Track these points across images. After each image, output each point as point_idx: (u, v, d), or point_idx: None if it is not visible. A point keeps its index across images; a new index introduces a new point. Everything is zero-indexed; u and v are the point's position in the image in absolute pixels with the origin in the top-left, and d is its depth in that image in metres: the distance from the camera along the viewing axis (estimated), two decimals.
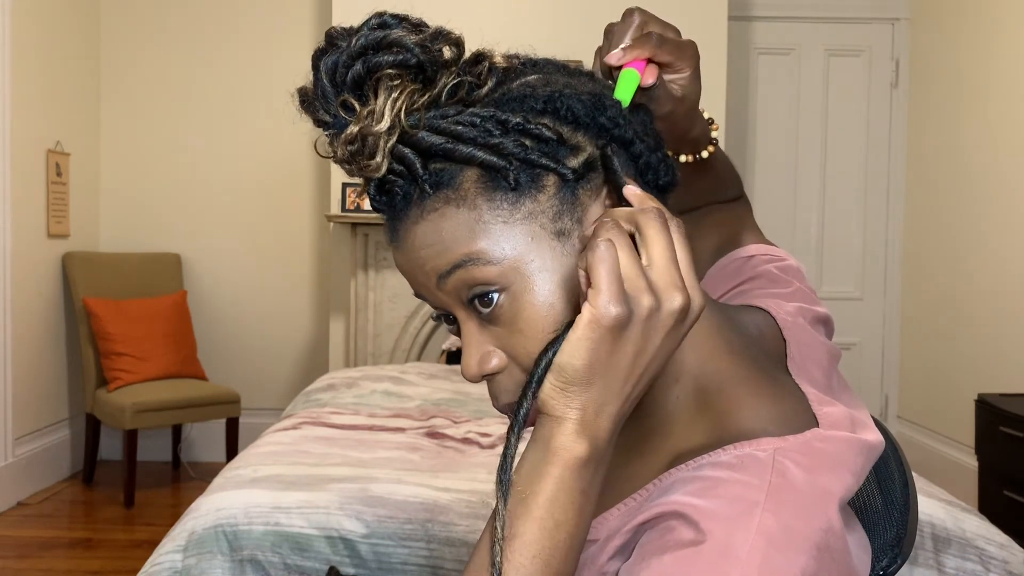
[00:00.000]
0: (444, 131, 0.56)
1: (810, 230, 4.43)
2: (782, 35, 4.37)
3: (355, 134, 0.55)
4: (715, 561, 0.50)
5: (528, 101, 0.57)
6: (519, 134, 0.56)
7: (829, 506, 0.54)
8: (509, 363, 0.58)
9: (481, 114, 0.56)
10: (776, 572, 0.50)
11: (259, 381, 4.31)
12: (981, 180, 3.66)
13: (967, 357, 3.73)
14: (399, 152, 0.56)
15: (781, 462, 0.55)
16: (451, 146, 0.55)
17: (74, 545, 3.16)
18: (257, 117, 4.27)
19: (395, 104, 0.55)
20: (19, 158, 3.57)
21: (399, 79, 0.55)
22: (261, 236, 4.32)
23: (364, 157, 0.56)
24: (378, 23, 0.56)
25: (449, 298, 0.58)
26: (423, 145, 0.56)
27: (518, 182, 0.56)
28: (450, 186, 0.56)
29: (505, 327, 0.57)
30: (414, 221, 0.57)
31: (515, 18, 3.82)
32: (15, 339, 3.54)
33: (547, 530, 0.52)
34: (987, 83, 3.64)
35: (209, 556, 1.55)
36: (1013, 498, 2.78)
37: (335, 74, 0.56)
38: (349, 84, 0.56)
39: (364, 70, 0.55)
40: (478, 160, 0.55)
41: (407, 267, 0.59)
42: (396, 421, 2.35)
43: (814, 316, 0.74)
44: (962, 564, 1.56)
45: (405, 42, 0.55)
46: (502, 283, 0.56)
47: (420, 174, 0.56)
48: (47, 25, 3.81)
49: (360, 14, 0.58)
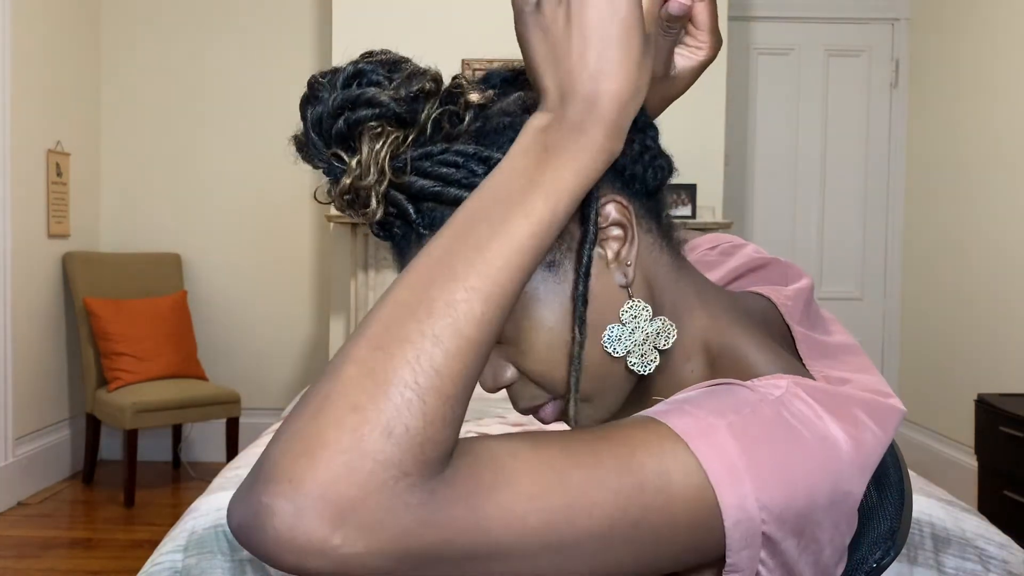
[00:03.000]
0: (431, 174, 0.58)
1: (810, 230, 4.43)
2: (782, 35, 4.37)
3: (348, 186, 0.58)
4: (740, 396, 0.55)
5: (507, 133, 0.59)
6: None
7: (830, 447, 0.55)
8: (521, 375, 0.63)
9: (464, 152, 0.58)
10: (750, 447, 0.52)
11: (259, 381, 4.31)
12: (981, 180, 3.66)
13: (967, 357, 3.73)
14: (392, 198, 0.59)
15: (795, 389, 0.57)
16: (439, 189, 0.58)
17: (74, 545, 3.16)
18: (257, 117, 4.27)
19: (379, 156, 0.58)
20: (19, 158, 3.57)
21: (380, 127, 0.58)
22: (261, 236, 4.32)
23: (360, 206, 0.59)
24: (353, 72, 0.59)
25: None
26: (413, 189, 0.59)
27: None
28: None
29: (512, 346, 0.61)
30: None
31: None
32: (15, 339, 3.54)
33: (503, 171, 0.53)
34: (987, 83, 3.64)
35: (209, 556, 1.55)
36: (1013, 498, 2.78)
37: (321, 128, 0.59)
38: (335, 138, 0.59)
39: (345, 127, 0.58)
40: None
41: None
42: None
43: (808, 291, 0.75)
44: (962, 564, 1.56)
45: (380, 98, 0.57)
46: None
47: (413, 218, 0.59)
48: (47, 25, 3.81)
49: (359, 14, 0.58)
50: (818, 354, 0.68)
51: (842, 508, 0.56)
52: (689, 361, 0.65)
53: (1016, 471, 2.78)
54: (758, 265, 0.79)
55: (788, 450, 0.53)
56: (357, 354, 0.47)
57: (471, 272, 0.49)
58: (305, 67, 4.28)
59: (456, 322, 0.48)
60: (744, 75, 4.35)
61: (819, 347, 0.69)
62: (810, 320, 0.72)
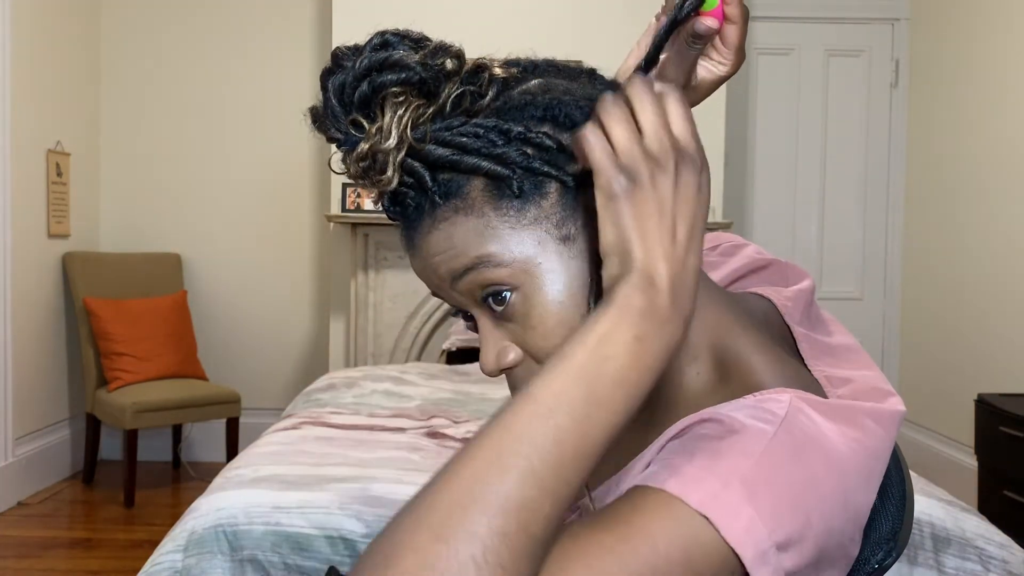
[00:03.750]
0: (450, 143, 0.58)
1: (810, 230, 4.43)
2: (782, 35, 4.37)
3: (366, 151, 0.58)
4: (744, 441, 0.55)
5: (528, 109, 0.59)
6: (521, 143, 0.58)
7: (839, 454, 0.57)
8: (525, 357, 0.61)
9: (484, 124, 0.58)
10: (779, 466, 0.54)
11: (259, 381, 4.31)
12: (981, 180, 3.67)
13: (967, 357, 3.73)
14: (409, 166, 0.59)
15: (799, 404, 0.57)
16: (457, 158, 0.58)
17: (74, 545, 3.16)
18: (257, 117, 4.28)
19: (401, 121, 0.57)
20: (19, 158, 3.57)
21: (403, 96, 0.57)
22: (261, 236, 4.32)
23: (376, 173, 0.58)
24: (380, 42, 0.58)
25: (464, 298, 0.62)
26: (431, 158, 0.58)
27: (522, 190, 0.58)
28: (458, 195, 0.59)
29: (519, 323, 0.60)
30: (427, 230, 0.60)
31: (516, 20, 3.82)
32: (15, 339, 3.54)
33: (596, 357, 0.51)
34: (987, 83, 3.64)
35: (209, 556, 1.55)
36: (1013, 498, 2.78)
37: (343, 94, 0.59)
38: (357, 103, 0.58)
39: (369, 90, 0.57)
40: (483, 170, 0.58)
41: (423, 271, 0.63)
42: (396, 421, 2.35)
43: (809, 293, 0.75)
44: (962, 564, 1.56)
45: (407, 61, 0.57)
46: (513, 283, 0.59)
47: (429, 186, 0.59)
48: (47, 25, 3.81)
49: (359, 14, 0.59)
50: (819, 353, 0.68)
51: (855, 521, 0.58)
52: (695, 362, 0.65)
53: (1016, 471, 2.78)
54: (759, 266, 0.79)
55: (803, 490, 0.54)
56: (416, 542, 0.45)
57: (548, 471, 0.48)
58: (305, 67, 4.28)
59: (526, 520, 0.47)
60: (744, 75, 4.35)
61: (819, 347, 0.69)
62: (810, 321, 0.72)
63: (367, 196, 0.62)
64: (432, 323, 3.99)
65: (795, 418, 0.56)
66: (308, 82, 4.28)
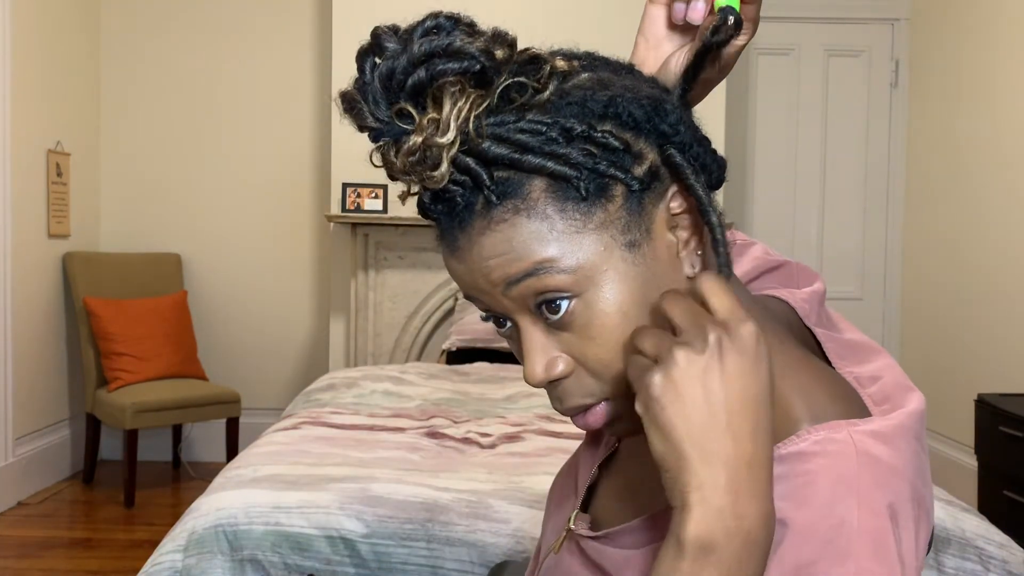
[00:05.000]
0: (509, 140, 0.54)
1: (810, 230, 4.43)
2: (782, 35, 4.37)
3: (418, 145, 0.53)
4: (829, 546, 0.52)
5: (588, 105, 0.56)
6: (584, 142, 0.55)
7: (910, 476, 0.56)
8: (577, 367, 0.58)
9: (544, 121, 0.54)
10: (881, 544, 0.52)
11: (259, 381, 4.31)
12: (981, 180, 3.67)
13: (967, 357, 3.73)
14: (463, 163, 0.54)
15: (861, 439, 0.55)
16: (518, 156, 0.54)
17: (74, 545, 3.16)
18: (257, 117, 4.28)
19: (460, 113, 0.53)
20: (19, 158, 3.57)
21: (459, 86, 0.54)
22: (261, 236, 4.32)
23: (427, 168, 0.54)
24: (433, 25, 0.54)
25: (513, 304, 0.58)
26: (488, 155, 0.54)
27: (588, 192, 0.55)
28: (518, 196, 0.55)
29: (576, 333, 0.57)
30: (479, 232, 0.56)
31: (519, 13, 3.82)
32: (15, 339, 3.54)
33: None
34: (987, 83, 3.64)
35: (209, 556, 1.55)
36: (1013, 498, 2.78)
37: (391, 80, 0.54)
38: (408, 91, 0.54)
39: (427, 78, 0.53)
40: (548, 171, 0.54)
41: (468, 276, 0.58)
42: (396, 421, 2.35)
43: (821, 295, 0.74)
44: (962, 564, 1.56)
45: (469, 49, 0.53)
46: (575, 291, 0.56)
47: (487, 184, 0.55)
48: (47, 25, 3.81)
49: (359, 14, 0.58)
50: (843, 353, 0.67)
51: (920, 520, 0.57)
52: None
53: (1016, 471, 2.78)
54: (771, 267, 0.77)
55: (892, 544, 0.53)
56: None
57: None
58: (305, 67, 4.28)
59: None
60: (744, 75, 4.35)
61: (842, 346, 0.68)
62: (823, 323, 0.71)
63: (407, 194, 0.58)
64: (432, 323, 3.99)
65: (861, 457, 0.55)
66: (308, 82, 4.28)
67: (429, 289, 3.97)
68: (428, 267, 3.95)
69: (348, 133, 2.81)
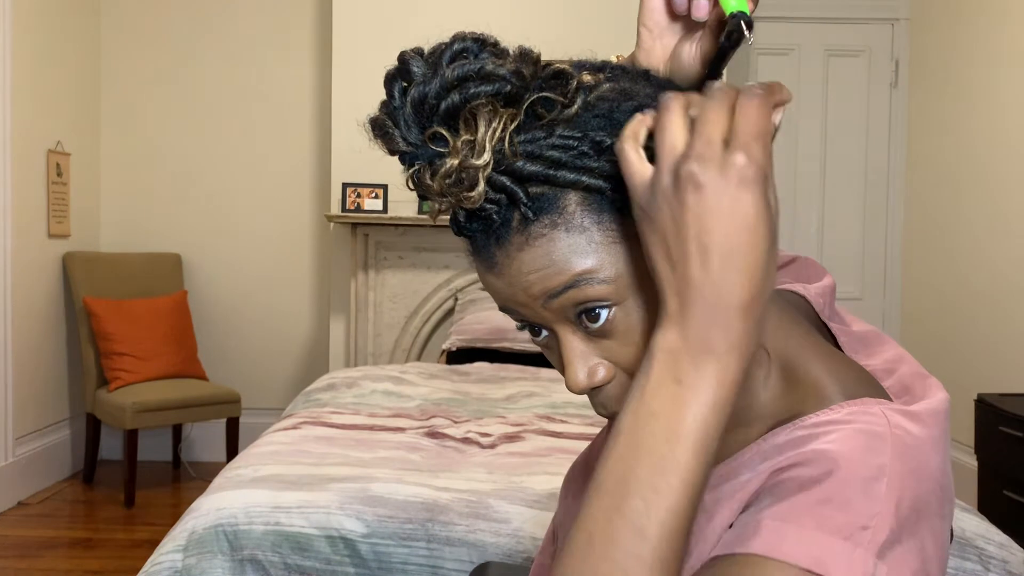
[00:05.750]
0: (542, 157, 0.55)
1: (810, 230, 4.44)
2: (782, 35, 4.37)
3: (454, 168, 0.54)
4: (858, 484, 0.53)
5: (615, 117, 0.56)
6: (614, 154, 0.55)
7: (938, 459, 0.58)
8: (618, 372, 0.59)
9: (574, 136, 0.55)
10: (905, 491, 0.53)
11: (259, 381, 4.31)
12: (981, 180, 3.67)
13: (967, 357, 3.73)
14: (498, 182, 0.55)
15: (892, 415, 0.57)
16: (552, 172, 0.55)
17: (74, 545, 3.16)
18: (257, 117, 4.28)
19: (494, 135, 0.55)
20: (19, 158, 3.57)
21: (490, 107, 0.55)
22: (261, 236, 4.32)
23: (463, 189, 0.55)
24: (462, 48, 0.56)
25: (553, 315, 0.59)
26: (523, 173, 0.55)
27: (622, 203, 0.56)
28: (554, 211, 0.56)
29: (617, 340, 0.58)
30: (518, 247, 0.57)
31: (518, 16, 3.82)
32: (15, 339, 3.54)
33: (642, 417, 0.50)
34: (987, 83, 3.64)
35: (209, 556, 1.55)
36: (1013, 498, 2.78)
37: (423, 104, 0.55)
38: (441, 115, 0.55)
39: (461, 101, 0.54)
40: (582, 185, 0.55)
41: (507, 290, 0.59)
42: (396, 421, 2.35)
43: (831, 290, 0.75)
44: (961, 564, 1.56)
45: (501, 72, 0.54)
46: (614, 299, 0.57)
47: (524, 201, 0.56)
48: (47, 25, 3.81)
49: (360, 14, 0.58)
50: (857, 347, 0.68)
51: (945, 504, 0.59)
52: (762, 366, 0.63)
53: (1016, 471, 2.78)
54: (784, 262, 0.78)
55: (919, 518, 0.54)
56: None
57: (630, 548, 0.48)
58: (305, 67, 4.28)
59: None
60: (744, 75, 4.35)
61: (855, 339, 0.69)
62: (834, 318, 0.72)
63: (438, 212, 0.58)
64: (432, 323, 3.99)
65: (896, 433, 0.55)
66: (308, 82, 4.28)
67: (429, 289, 3.97)
68: (428, 267, 3.95)
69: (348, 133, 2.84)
